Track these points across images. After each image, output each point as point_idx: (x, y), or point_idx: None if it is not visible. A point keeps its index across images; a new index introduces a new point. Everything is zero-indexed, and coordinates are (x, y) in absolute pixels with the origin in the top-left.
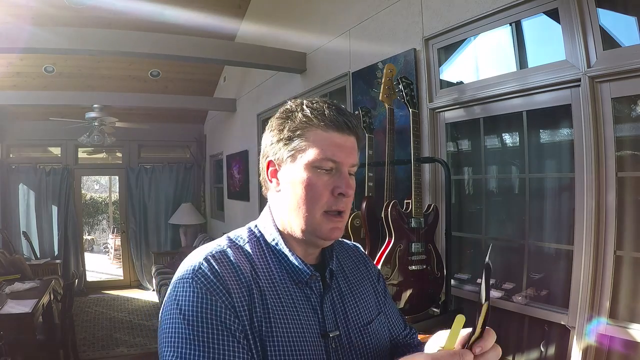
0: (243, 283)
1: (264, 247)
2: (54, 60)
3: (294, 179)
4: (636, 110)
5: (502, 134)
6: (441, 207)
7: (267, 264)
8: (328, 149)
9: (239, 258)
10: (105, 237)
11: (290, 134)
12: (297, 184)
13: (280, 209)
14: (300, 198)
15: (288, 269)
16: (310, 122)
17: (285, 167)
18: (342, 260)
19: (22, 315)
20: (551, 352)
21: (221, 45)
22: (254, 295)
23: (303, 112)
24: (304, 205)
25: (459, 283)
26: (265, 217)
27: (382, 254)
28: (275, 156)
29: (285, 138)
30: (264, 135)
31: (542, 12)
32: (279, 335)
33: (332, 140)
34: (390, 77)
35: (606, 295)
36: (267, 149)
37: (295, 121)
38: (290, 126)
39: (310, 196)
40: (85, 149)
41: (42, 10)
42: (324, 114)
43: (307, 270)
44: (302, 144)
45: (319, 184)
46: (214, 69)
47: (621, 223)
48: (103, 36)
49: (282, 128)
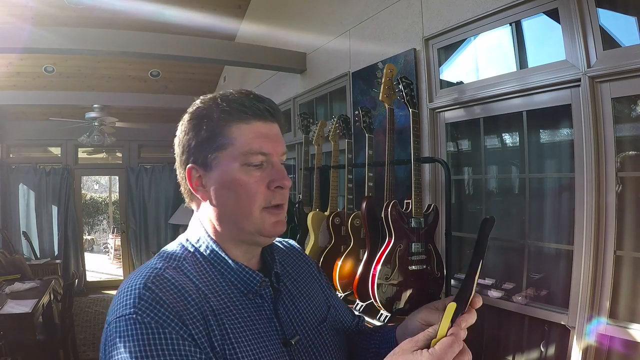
0: (193, 306)
1: (202, 262)
2: (54, 60)
3: (224, 182)
4: (636, 110)
5: (502, 134)
6: (441, 207)
7: (211, 280)
8: (254, 141)
9: (180, 279)
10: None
11: (209, 134)
12: (229, 186)
13: (213, 217)
14: (235, 201)
15: (234, 280)
16: (229, 117)
17: (211, 171)
18: (283, 260)
19: (22, 315)
20: (551, 352)
21: (221, 45)
22: (208, 318)
23: (220, 107)
24: (240, 208)
25: (459, 283)
26: (195, 229)
27: (382, 254)
28: (196, 162)
29: (205, 139)
30: (176, 140)
31: (542, 12)
32: (244, 356)
33: (257, 131)
34: (390, 77)
35: (606, 295)
36: (184, 155)
37: (213, 119)
38: (208, 125)
39: (246, 196)
40: (85, 149)
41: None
42: (243, 104)
43: (256, 276)
44: (225, 142)
45: (252, 181)
46: (214, 69)
47: (621, 223)
48: (103, 36)
49: (198, 129)
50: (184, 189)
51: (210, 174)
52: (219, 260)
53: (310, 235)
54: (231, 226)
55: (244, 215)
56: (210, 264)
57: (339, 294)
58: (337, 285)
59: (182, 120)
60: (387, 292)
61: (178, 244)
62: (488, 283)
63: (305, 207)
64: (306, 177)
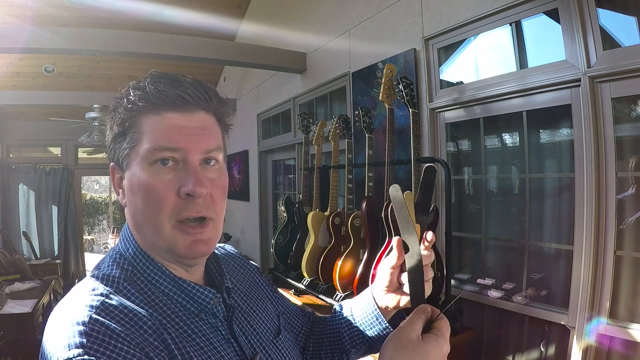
0: (152, 336)
1: (144, 282)
2: (54, 60)
3: (133, 184)
4: (636, 110)
5: (502, 134)
6: (441, 207)
7: (158, 303)
8: (163, 135)
9: (128, 305)
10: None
11: (120, 128)
12: (136, 189)
13: (132, 226)
14: (143, 209)
15: (181, 300)
16: (136, 107)
17: (125, 171)
18: (228, 271)
19: (22, 315)
20: (551, 352)
21: (221, 45)
22: (170, 347)
23: (127, 97)
24: (149, 218)
25: (459, 283)
26: (128, 242)
27: (382, 254)
28: (114, 159)
29: (117, 134)
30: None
31: (542, 12)
32: None
33: (169, 122)
34: (390, 77)
35: (606, 295)
36: (109, 153)
37: (121, 110)
38: (119, 118)
39: (152, 204)
40: (85, 149)
41: (42, 10)
42: (147, 92)
43: (207, 293)
44: (136, 136)
45: (160, 185)
46: (214, 69)
47: (621, 223)
48: (103, 36)
49: (112, 123)
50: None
51: (126, 174)
52: (160, 278)
53: (310, 235)
54: (148, 238)
55: (153, 228)
56: (151, 284)
57: (339, 294)
58: (337, 285)
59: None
60: None
61: (112, 263)
62: (488, 283)
63: (305, 207)
64: (306, 177)
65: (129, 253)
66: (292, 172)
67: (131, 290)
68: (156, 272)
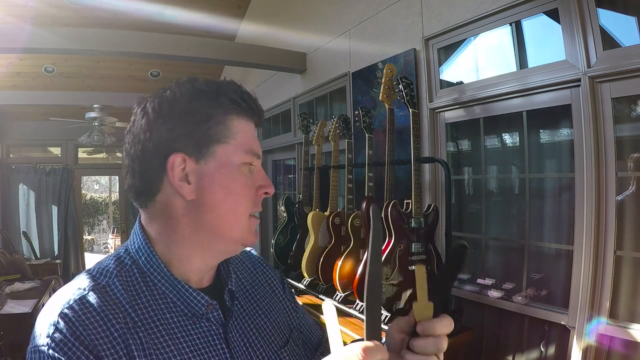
0: (116, 339)
1: (138, 279)
2: (54, 60)
3: (221, 181)
4: (636, 110)
5: (502, 134)
6: (441, 207)
7: (145, 301)
8: (252, 142)
9: (105, 303)
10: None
11: (206, 119)
12: (226, 186)
13: (187, 221)
14: (232, 203)
15: (176, 300)
16: (230, 107)
17: (204, 164)
18: (239, 274)
19: (22, 315)
20: (551, 352)
21: (221, 45)
22: (132, 353)
23: (227, 95)
24: (234, 211)
25: (459, 283)
26: (135, 237)
27: (382, 254)
28: (186, 149)
29: (200, 125)
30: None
31: (542, 12)
32: None
33: (252, 130)
34: (390, 77)
35: (606, 295)
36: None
37: (211, 104)
38: (203, 111)
39: (240, 199)
40: (85, 149)
41: (42, 11)
42: (243, 98)
43: (200, 299)
44: (227, 133)
45: (247, 183)
46: (214, 69)
47: (621, 223)
48: (103, 36)
49: (187, 114)
50: (143, 181)
51: (202, 167)
52: (159, 276)
53: (310, 235)
54: (209, 232)
55: (234, 220)
56: (147, 281)
57: (339, 294)
58: (337, 285)
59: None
60: (387, 292)
61: (114, 257)
62: (488, 283)
63: (305, 207)
64: (306, 177)
65: (134, 247)
66: (292, 172)
67: (118, 287)
68: (155, 268)
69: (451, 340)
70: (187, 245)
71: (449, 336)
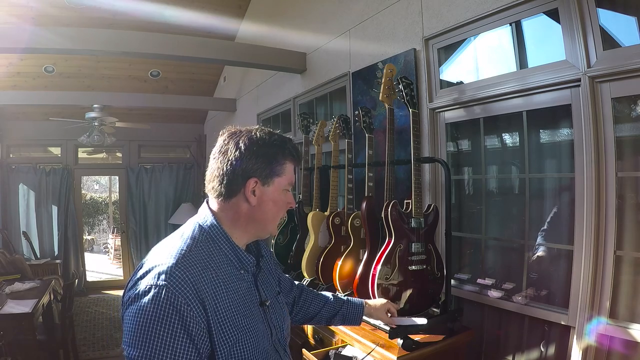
0: (207, 284)
1: (210, 242)
2: (54, 60)
3: (274, 198)
4: (636, 110)
5: (502, 134)
6: (441, 207)
7: (216, 257)
8: (291, 177)
9: (199, 258)
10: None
11: (274, 163)
12: (275, 201)
13: (246, 215)
14: (275, 211)
15: (232, 258)
16: (291, 157)
17: (267, 186)
18: (263, 248)
19: (22, 315)
20: (551, 352)
21: (221, 45)
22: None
23: (289, 150)
24: (274, 216)
25: (459, 283)
26: (207, 216)
27: (382, 254)
28: (260, 176)
29: (269, 165)
30: (242, 155)
31: (542, 12)
32: (235, 313)
33: (292, 169)
34: (390, 77)
35: (606, 295)
36: (250, 169)
37: (281, 154)
38: (275, 157)
39: (278, 210)
40: (85, 149)
41: (42, 11)
42: (298, 154)
43: (250, 259)
44: (281, 171)
45: (284, 200)
46: (214, 69)
47: (621, 223)
48: (103, 36)
49: (265, 156)
50: (228, 188)
51: (265, 188)
52: (224, 243)
53: (310, 235)
54: (256, 224)
55: (272, 220)
56: (216, 244)
57: (339, 294)
58: (337, 285)
59: (235, 142)
60: (387, 292)
61: (194, 227)
62: (488, 283)
63: (305, 207)
64: (306, 177)
65: (207, 224)
66: None
67: (201, 247)
68: (222, 239)
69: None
70: (242, 229)
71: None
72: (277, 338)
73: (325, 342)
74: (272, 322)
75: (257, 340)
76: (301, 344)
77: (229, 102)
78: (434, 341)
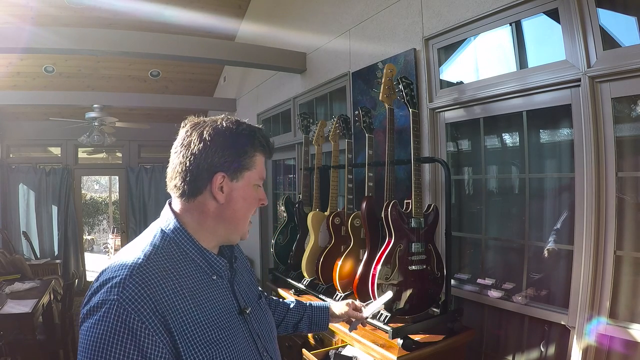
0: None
1: (175, 249)
2: (54, 60)
3: (243, 194)
4: (636, 110)
5: (502, 134)
6: (441, 207)
7: (180, 262)
8: (263, 170)
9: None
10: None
11: (242, 155)
12: (245, 197)
13: (213, 214)
14: (245, 209)
15: (200, 263)
16: (261, 148)
17: (235, 182)
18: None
19: (22, 315)
20: (551, 352)
21: (221, 45)
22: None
23: (259, 141)
24: (244, 214)
25: (459, 283)
26: (170, 220)
27: (382, 254)
28: (228, 171)
29: (232, 153)
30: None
31: (542, 12)
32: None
33: (263, 162)
34: (390, 77)
35: (606, 295)
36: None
37: (253, 146)
38: (243, 148)
39: (247, 209)
40: (85, 149)
41: (42, 11)
42: (269, 145)
43: (221, 262)
44: (251, 164)
45: (255, 196)
46: (214, 69)
47: (621, 223)
48: (103, 36)
49: (231, 148)
50: (192, 186)
51: (234, 184)
52: (191, 247)
53: (310, 235)
54: (226, 225)
55: (242, 220)
56: (181, 249)
57: (339, 294)
58: (337, 285)
59: (198, 133)
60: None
61: (155, 232)
62: (488, 283)
63: (305, 207)
64: (306, 177)
65: (169, 229)
66: (292, 172)
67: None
68: (188, 242)
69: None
70: (210, 231)
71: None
72: (264, 348)
73: (325, 342)
74: (255, 332)
75: (237, 354)
76: (301, 344)
77: (229, 102)
78: (434, 341)
